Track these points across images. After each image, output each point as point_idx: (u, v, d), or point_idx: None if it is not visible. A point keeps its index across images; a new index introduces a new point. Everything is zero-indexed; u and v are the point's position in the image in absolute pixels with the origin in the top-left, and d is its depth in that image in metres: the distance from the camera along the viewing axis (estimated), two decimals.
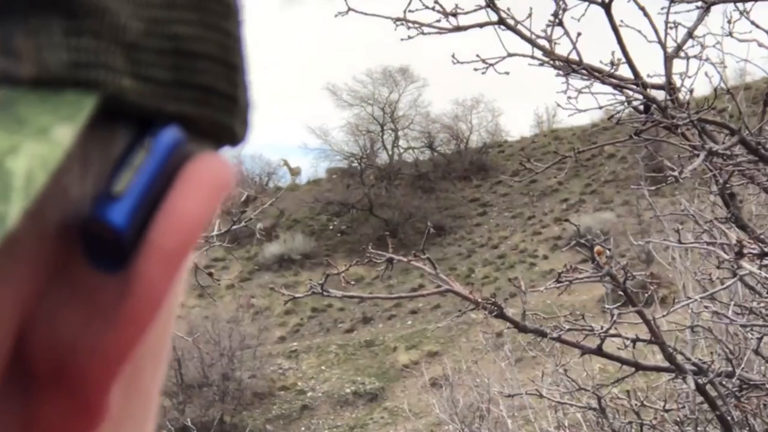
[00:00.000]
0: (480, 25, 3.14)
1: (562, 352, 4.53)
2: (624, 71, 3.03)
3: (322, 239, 29.37)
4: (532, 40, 3.06)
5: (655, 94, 2.97)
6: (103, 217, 0.24)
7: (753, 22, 3.08)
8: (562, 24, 2.96)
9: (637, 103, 2.98)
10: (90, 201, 0.24)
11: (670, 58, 2.96)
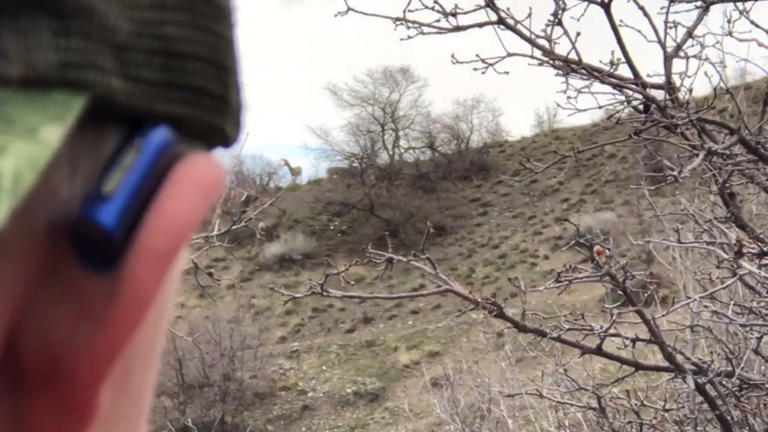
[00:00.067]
0: (479, 25, 3.13)
1: (562, 352, 4.52)
2: (624, 71, 3.03)
3: (322, 239, 29.36)
4: (532, 40, 3.06)
5: (655, 93, 2.97)
6: (92, 217, 0.24)
7: (753, 22, 3.08)
8: (561, 24, 2.96)
9: (636, 103, 2.98)
10: (79, 201, 0.24)
11: (669, 58, 2.96)
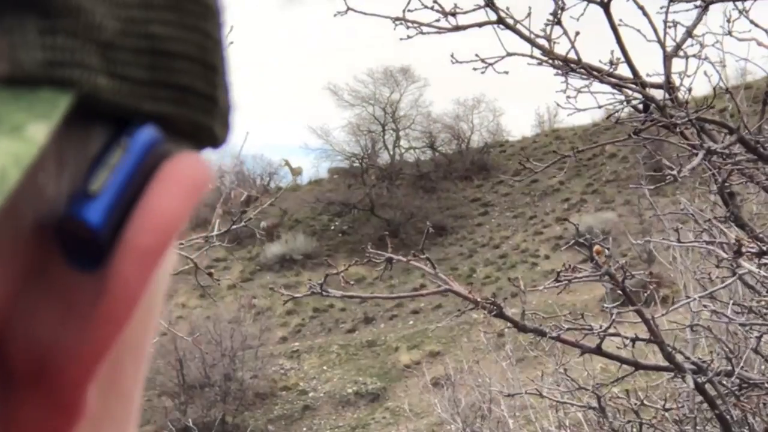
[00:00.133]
0: (479, 25, 3.13)
1: (563, 351, 4.52)
2: (623, 70, 3.03)
3: (323, 239, 29.36)
4: (531, 40, 3.05)
5: (654, 93, 2.97)
6: (79, 215, 0.24)
7: (752, 21, 3.08)
8: (560, 23, 2.96)
9: (636, 103, 2.98)
10: (66, 200, 0.24)
11: (669, 58, 2.96)
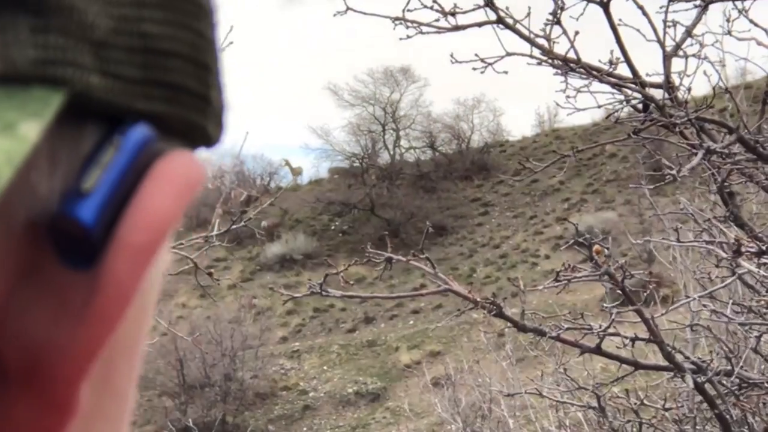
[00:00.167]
0: (479, 24, 3.13)
1: (563, 351, 4.52)
2: (622, 70, 3.03)
3: (323, 239, 29.36)
4: (531, 39, 3.05)
5: (654, 92, 2.97)
6: (71, 213, 0.24)
7: (752, 21, 3.08)
8: (560, 23, 2.96)
9: (635, 102, 2.98)
10: (59, 198, 0.24)
11: (668, 57, 2.96)
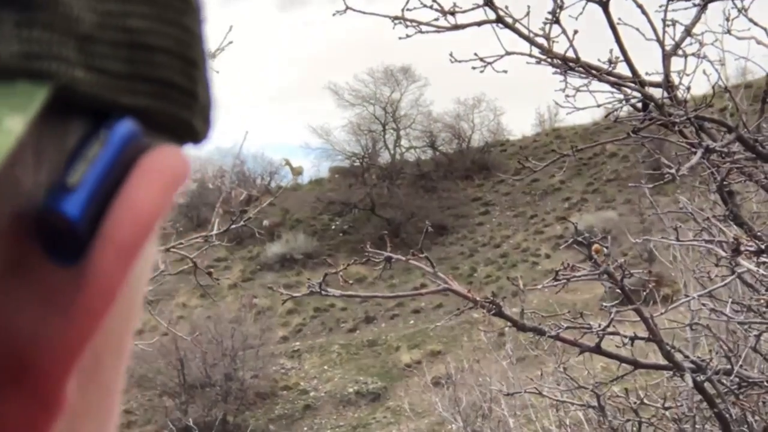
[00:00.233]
0: (478, 24, 3.13)
1: (563, 350, 4.52)
2: (622, 69, 3.03)
3: (324, 239, 29.35)
4: (530, 39, 3.05)
5: (653, 92, 2.97)
6: (57, 208, 0.24)
7: (751, 20, 3.08)
8: (558, 22, 2.96)
9: (635, 101, 2.98)
10: (44, 193, 0.24)
11: (668, 56, 2.96)
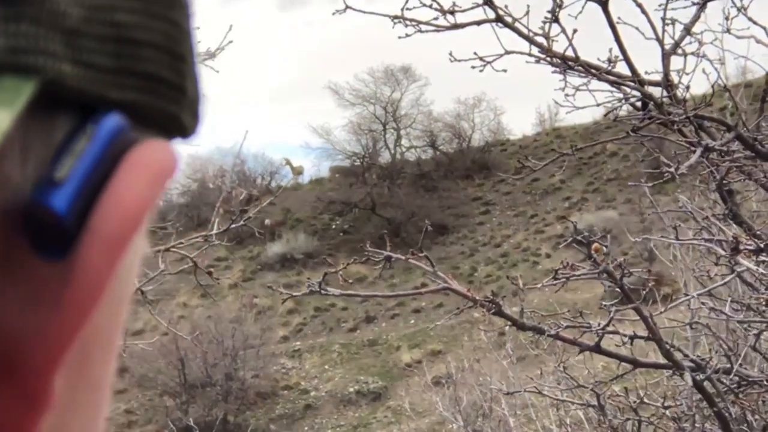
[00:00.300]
0: (477, 23, 3.13)
1: (563, 350, 4.52)
2: (621, 68, 3.03)
3: (324, 238, 29.34)
4: (530, 38, 3.05)
5: (653, 91, 2.97)
6: (44, 202, 0.24)
7: (751, 19, 3.07)
8: (558, 21, 2.96)
9: (634, 100, 2.98)
10: (31, 187, 0.24)
11: (667, 55, 2.96)
